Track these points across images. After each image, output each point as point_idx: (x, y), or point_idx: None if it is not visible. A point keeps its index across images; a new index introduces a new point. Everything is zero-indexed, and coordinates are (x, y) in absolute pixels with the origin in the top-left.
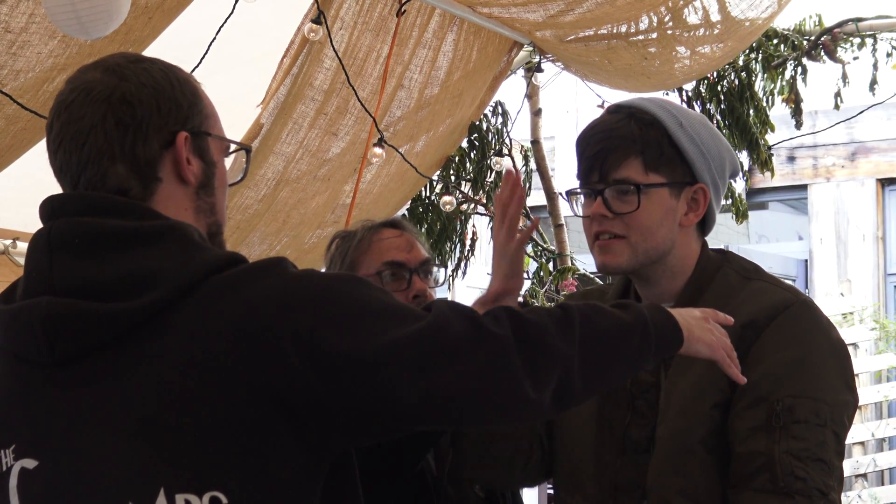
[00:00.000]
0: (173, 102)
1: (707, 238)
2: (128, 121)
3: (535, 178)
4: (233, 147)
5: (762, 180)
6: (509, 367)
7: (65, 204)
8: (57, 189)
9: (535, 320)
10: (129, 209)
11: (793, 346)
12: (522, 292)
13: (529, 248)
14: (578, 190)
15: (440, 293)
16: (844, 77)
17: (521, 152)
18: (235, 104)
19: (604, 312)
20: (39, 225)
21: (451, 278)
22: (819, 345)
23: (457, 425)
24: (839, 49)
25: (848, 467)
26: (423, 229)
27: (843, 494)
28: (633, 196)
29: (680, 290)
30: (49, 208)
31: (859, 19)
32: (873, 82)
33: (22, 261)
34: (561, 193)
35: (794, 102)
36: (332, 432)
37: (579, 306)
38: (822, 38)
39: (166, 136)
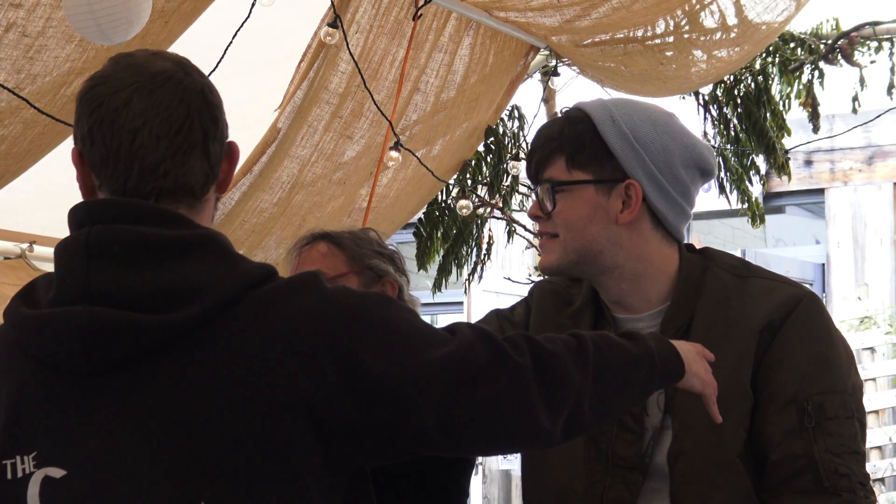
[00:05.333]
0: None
1: (725, 243)
2: (218, 118)
3: None
4: None
5: (779, 184)
6: (528, 396)
7: (102, 210)
8: (71, 193)
9: (553, 350)
10: (165, 217)
11: (811, 342)
12: None
13: None
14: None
15: (458, 296)
16: (862, 81)
17: None
18: (253, 108)
19: (614, 344)
20: (57, 228)
21: (467, 282)
22: (832, 337)
23: (471, 451)
24: (856, 53)
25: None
26: (440, 233)
27: None
28: (553, 195)
29: (663, 296)
30: (83, 214)
31: (876, 23)
32: (891, 86)
33: (39, 265)
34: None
35: (811, 106)
36: (356, 450)
37: (592, 337)
38: (839, 42)
39: (226, 140)
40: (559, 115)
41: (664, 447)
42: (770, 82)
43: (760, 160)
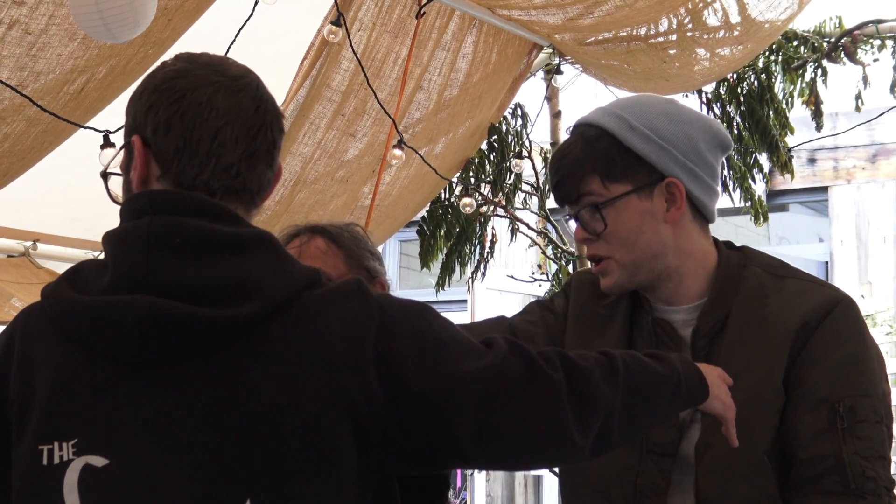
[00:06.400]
0: None
1: (726, 241)
2: (283, 132)
3: None
4: None
5: (783, 182)
6: (561, 412)
7: (166, 201)
8: (77, 192)
9: (586, 367)
10: (222, 213)
11: (846, 345)
12: (543, 294)
13: (549, 251)
14: (567, 216)
15: (461, 294)
16: (865, 79)
17: (540, 154)
18: None
19: (643, 364)
20: (60, 226)
21: (470, 281)
22: (866, 341)
23: (504, 465)
24: (859, 51)
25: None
26: (443, 231)
27: None
28: (598, 215)
29: (701, 291)
30: (146, 203)
31: (879, 21)
32: (894, 84)
33: (43, 263)
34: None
35: (814, 104)
36: (389, 457)
37: (622, 355)
38: (842, 40)
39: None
40: (566, 132)
41: (691, 440)
42: (773, 80)
43: (763, 158)
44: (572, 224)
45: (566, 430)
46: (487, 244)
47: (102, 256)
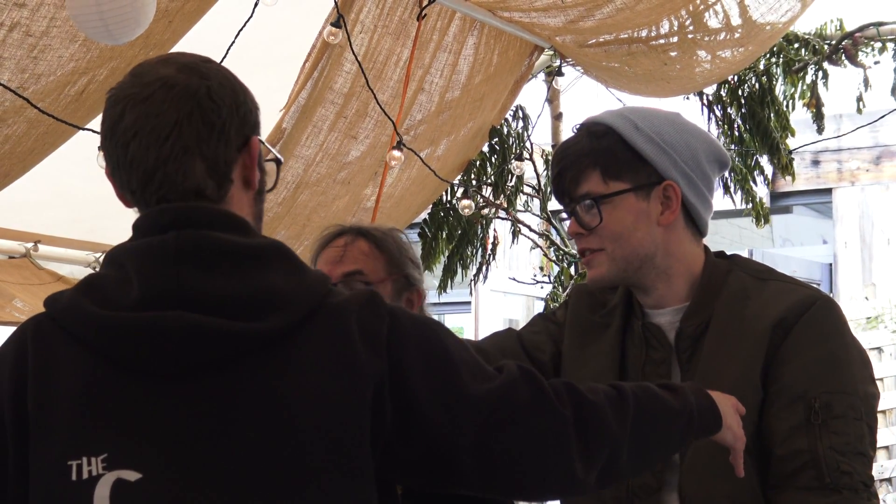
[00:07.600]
0: (246, 106)
1: (732, 243)
2: (214, 119)
3: None
4: (270, 156)
5: (786, 184)
6: (565, 445)
7: (190, 215)
8: (78, 194)
9: (594, 401)
10: (239, 224)
11: (822, 342)
12: (544, 296)
13: (552, 252)
14: (563, 213)
15: (465, 296)
16: (866, 81)
17: (541, 156)
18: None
19: (655, 397)
20: (61, 228)
21: (472, 282)
22: (845, 339)
23: (505, 492)
24: (860, 53)
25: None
26: (444, 234)
27: None
28: (595, 209)
29: (687, 294)
30: (169, 218)
31: (880, 23)
32: (895, 87)
33: (44, 264)
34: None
35: (816, 107)
36: (390, 468)
37: (633, 388)
38: (843, 43)
39: (241, 138)
40: (573, 130)
41: None
42: (774, 83)
43: (765, 160)
44: (567, 221)
45: (569, 463)
46: (489, 246)
47: (101, 270)
